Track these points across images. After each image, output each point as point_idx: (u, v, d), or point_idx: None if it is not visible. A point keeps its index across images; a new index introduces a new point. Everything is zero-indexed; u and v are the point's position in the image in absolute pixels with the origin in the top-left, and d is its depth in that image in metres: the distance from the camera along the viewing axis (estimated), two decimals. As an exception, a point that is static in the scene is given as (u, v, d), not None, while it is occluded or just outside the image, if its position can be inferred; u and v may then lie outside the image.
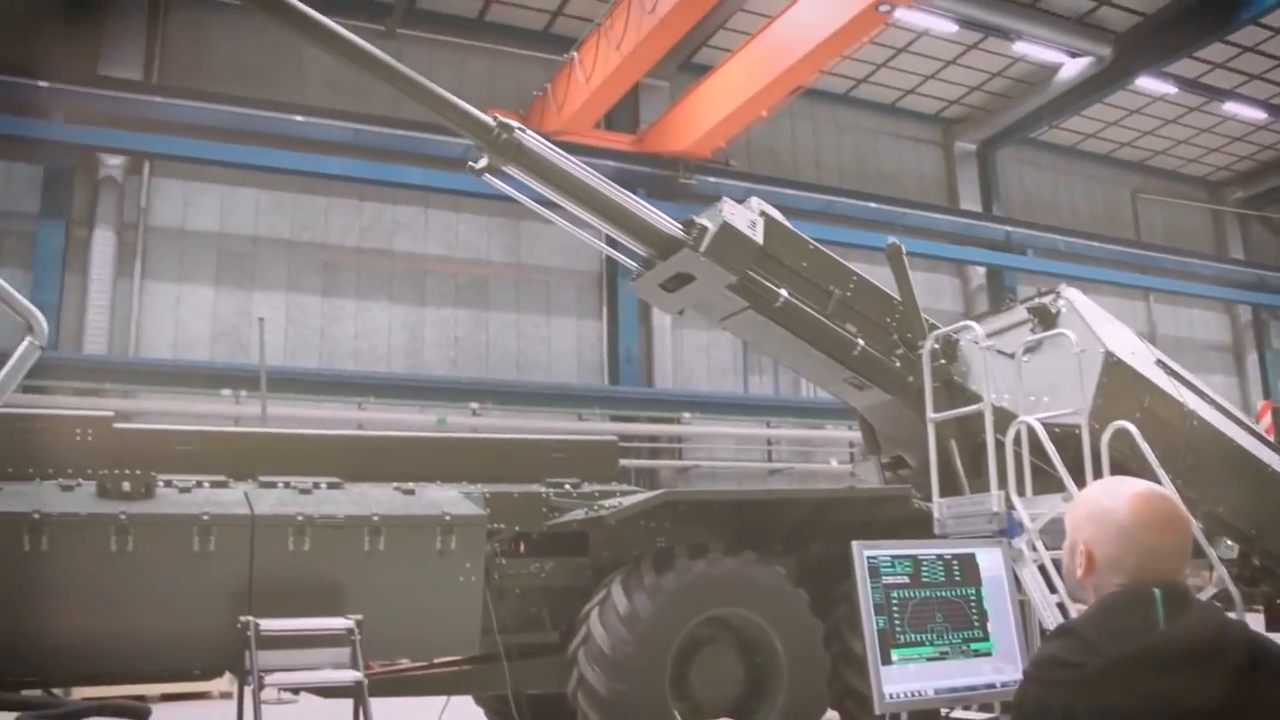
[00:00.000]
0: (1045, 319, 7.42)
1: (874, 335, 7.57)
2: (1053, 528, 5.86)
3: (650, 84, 19.80)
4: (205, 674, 6.40)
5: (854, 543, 5.13)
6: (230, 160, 16.58)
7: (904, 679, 4.97)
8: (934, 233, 22.12)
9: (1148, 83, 21.64)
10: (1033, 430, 6.24)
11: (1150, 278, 24.82)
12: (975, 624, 5.24)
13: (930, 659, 5.07)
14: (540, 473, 7.26)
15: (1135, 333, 7.94)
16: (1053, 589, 5.69)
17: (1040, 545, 5.89)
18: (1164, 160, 26.78)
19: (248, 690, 5.59)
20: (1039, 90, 21.93)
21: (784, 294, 7.21)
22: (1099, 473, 6.18)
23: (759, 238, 7.19)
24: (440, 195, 18.25)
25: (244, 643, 5.56)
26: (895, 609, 5.06)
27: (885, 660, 4.95)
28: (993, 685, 5.18)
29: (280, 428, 9.22)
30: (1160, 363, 7.65)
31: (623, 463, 12.13)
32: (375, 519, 6.16)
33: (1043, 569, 5.81)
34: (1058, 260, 23.26)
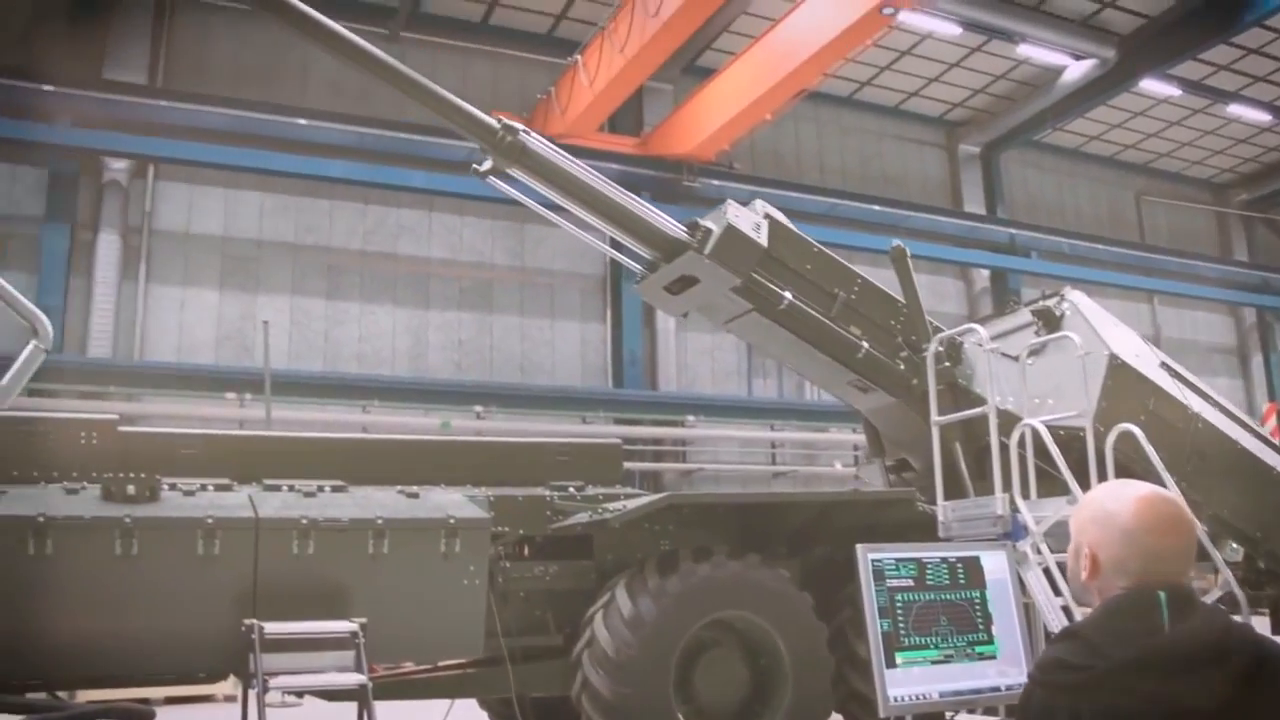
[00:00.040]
0: (1049, 322, 7.41)
1: (878, 338, 7.56)
2: (1057, 530, 5.86)
3: (654, 87, 19.80)
4: (209, 677, 6.39)
5: (858, 546, 5.12)
6: (234, 164, 16.61)
7: (908, 682, 4.96)
8: (938, 235, 22.11)
9: (1152, 85, 21.59)
10: (1037, 433, 6.24)
11: (1154, 280, 24.80)
12: (980, 627, 5.23)
13: (935, 662, 5.06)
14: (544, 476, 7.27)
15: (1139, 335, 7.93)
16: (1057, 592, 5.69)
17: (1045, 548, 5.89)
18: (1168, 163, 26.73)
19: (252, 693, 5.59)
20: (1043, 93, 21.88)
21: (788, 296, 7.20)
22: (1103, 475, 6.17)
23: (763, 240, 7.18)
24: (444, 198, 18.25)
25: (248, 646, 5.56)
26: (900, 612, 5.05)
27: (890, 663, 4.94)
28: (997, 688, 5.17)
29: (285, 431, 9.26)
30: (1165, 365, 7.64)
31: (627, 466, 12.15)
32: (379, 522, 6.17)
33: (1047, 572, 5.81)
34: (1062, 263, 23.24)
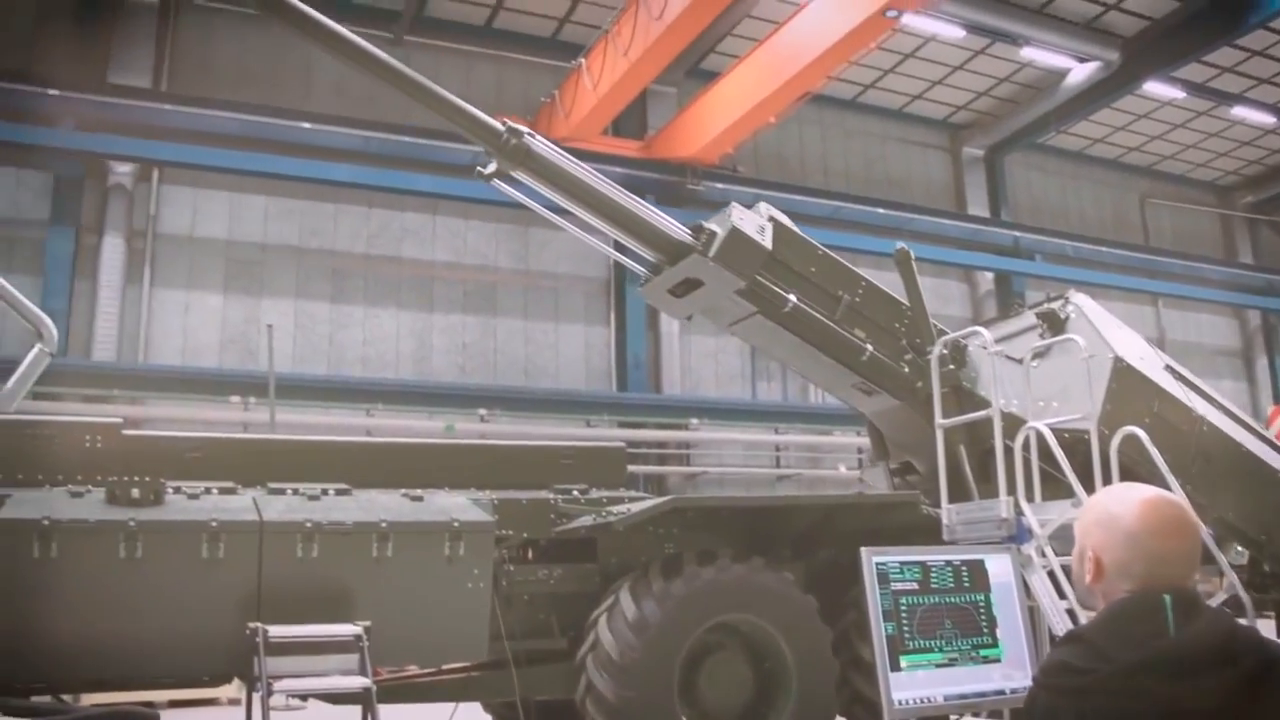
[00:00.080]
0: (1054, 324, 7.41)
1: (882, 341, 7.55)
2: (1062, 533, 5.85)
3: (658, 90, 19.81)
4: (213, 680, 6.40)
5: (862, 549, 5.12)
6: (239, 167, 16.62)
7: (913, 685, 4.96)
8: (942, 238, 22.10)
9: (1156, 87, 21.57)
10: (1042, 436, 6.22)
11: (1159, 283, 24.77)
12: (984, 630, 5.22)
13: (939, 665, 5.05)
14: (548, 479, 7.27)
15: (1144, 338, 7.92)
16: (1062, 595, 5.68)
17: (1049, 551, 5.88)
18: (1172, 165, 26.70)
19: (256, 697, 5.59)
20: (1047, 95, 21.86)
21: (792, 299, 7.20)
22: (1108, 478, 6.15)
23: (768, 243, 7.18)
24: (448, 202, 18.26)
25: (252, 649, 5.57)
26: (904, 615, 5.04)
27: (894, 667, 4.94)
28: (1002, 692, 5.16)
29: (289, 434, 9.26)
30: (1169, 368, 7.63)
31: (631, 469, 12.12)
32: (383, 525, 6.18)
33: (1052, 575, 5.80)
34: (1066, 265, 23.22)
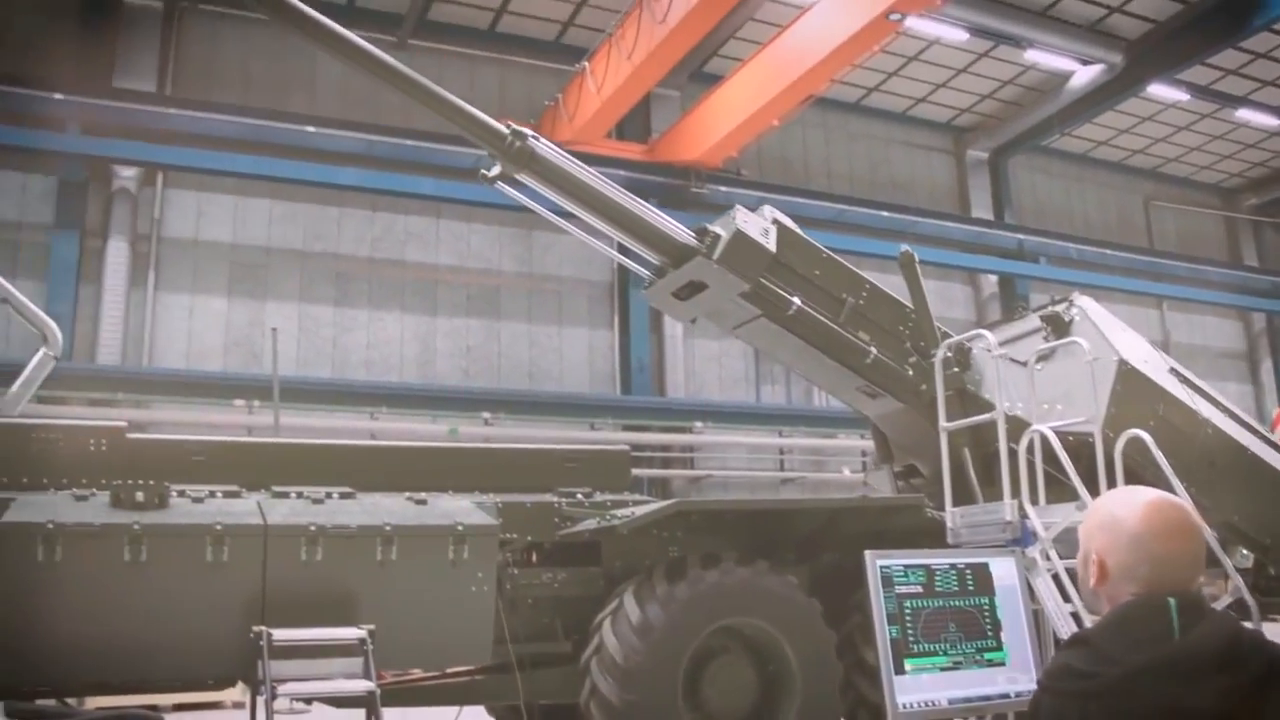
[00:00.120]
0: (1058, 327, 7.40)
1: (887, 343, 7.55)
2: (1066, 537, 5.83)
3: (661, 93, 19.83)
4: (218, 684, 6.40)
5: (867, 552, 5.10)
6: (243, 171, 16.65)
7: (917, 689, 4.94)
8: (946, 241, 22.10)
9: (1160, 90, 21.56)
10: (1046, 439, 6.21)
11: (1163, 285, 24.76)
12: (989, 634, 5.21)
13: (944, 669, 5.04)
14: (552, 482, 7.28)
15: (1149, 341, 7.91)
16: (1067, 598, 5.66)
17: (1054, 554, 5.86)
18: (1176, 167, 26.69)
19: (260, 700, 5.59)
20: (1050, 98, 21.85)
21: (796, 302, 7.20)
22: (1113, 481, 6.15)
23: (772, 246, 7.18)
24: (452, 205, 18.29)
25: (256, 652, 5.57)
26: (908, 619, 5.03)
27: (898, 670, 4.93)
28: (1006, 695, 5.14)
29: (293, 438, 9.26)
30: (1174, 371, 7.62)
31: (635, 472, 12.10)
32: (388, 529, 6.18)
33: (1056, 578, 5.78)
34: (1070, 268, 23.20)
